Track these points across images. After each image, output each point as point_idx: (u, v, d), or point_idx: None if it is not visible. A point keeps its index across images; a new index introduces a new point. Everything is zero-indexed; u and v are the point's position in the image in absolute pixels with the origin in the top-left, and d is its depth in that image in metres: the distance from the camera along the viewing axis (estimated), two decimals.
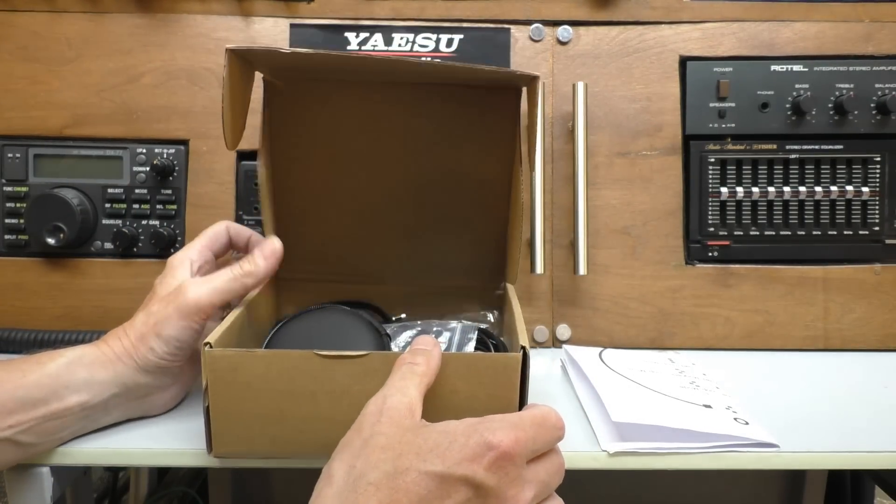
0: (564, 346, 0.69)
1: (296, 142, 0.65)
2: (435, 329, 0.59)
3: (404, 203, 0.66)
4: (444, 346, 0.57)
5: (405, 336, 0.58)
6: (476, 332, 0.58)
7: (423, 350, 0.43)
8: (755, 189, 0.70)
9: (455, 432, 0.36)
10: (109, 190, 0.70)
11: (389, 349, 0.53)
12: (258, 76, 0.61)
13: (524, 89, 0.62)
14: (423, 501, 0.34)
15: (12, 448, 0.44)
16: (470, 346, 0.57)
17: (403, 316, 0.66)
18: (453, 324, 0.60)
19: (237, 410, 0.44)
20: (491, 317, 0.66)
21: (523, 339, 0.45)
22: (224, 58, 0.50)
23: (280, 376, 0.43)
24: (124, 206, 0.70)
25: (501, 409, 0.44)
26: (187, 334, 0.49)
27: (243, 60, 0.55)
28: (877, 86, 0.71)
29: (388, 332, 0.54)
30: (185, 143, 0.70)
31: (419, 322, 0.61)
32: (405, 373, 0.41)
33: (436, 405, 0.43)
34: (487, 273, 0.66)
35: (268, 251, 0.55)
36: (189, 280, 0.50)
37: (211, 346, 0.44)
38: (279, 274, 0.62)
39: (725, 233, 0.71)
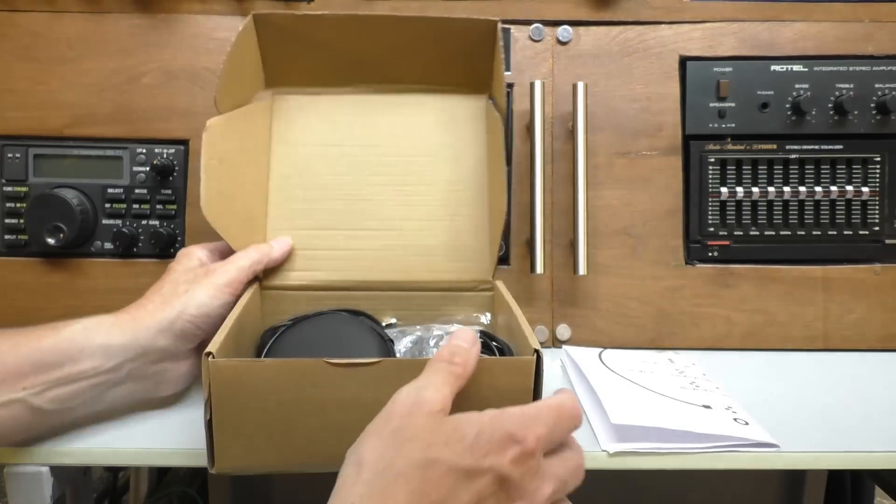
0: (564, 346, 0.69)
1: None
2: (435, 333, 0.58)
3: (393, 204, 0.66)
4: None
5: (406, 342, 0.57)
6: (478, 335, 0.57)
7: (463, 350, 0.41)
8: (755, 189, 0.70)
9: (481, 422, 0.36)
10: (109, 190, 0.70)
11: (394, 355, 0.52)
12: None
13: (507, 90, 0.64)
14: (451, 493, 0.34)
15: (26, 412, 0.45)
16: None
17: (394, 321, 0.64)
18: (454, 327, 0.59)
19: (242, 423, 0.42)
20: (484, 319, 0.65)
21: (534, 342, 0.44)
22: (243, 23, 0.56)
23: (288, 386, 0.42)
24: (124, 206, 0.70)
25: None
26: (217, 304, 0.52)
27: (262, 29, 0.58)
28: (877, 86, 0.71)
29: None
30: (185, 143, 0.70)
31: (418, 326, 0.60)
32: (443, 371, 0.39)
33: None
34: (478, 274, 0.66)
35: (282, 241, 0.63)
36: (215, 263, 0.56)
37: (213, 356, 0.42)
38: (262, 283, 0.62)
39: (725, 233, 0.71)
